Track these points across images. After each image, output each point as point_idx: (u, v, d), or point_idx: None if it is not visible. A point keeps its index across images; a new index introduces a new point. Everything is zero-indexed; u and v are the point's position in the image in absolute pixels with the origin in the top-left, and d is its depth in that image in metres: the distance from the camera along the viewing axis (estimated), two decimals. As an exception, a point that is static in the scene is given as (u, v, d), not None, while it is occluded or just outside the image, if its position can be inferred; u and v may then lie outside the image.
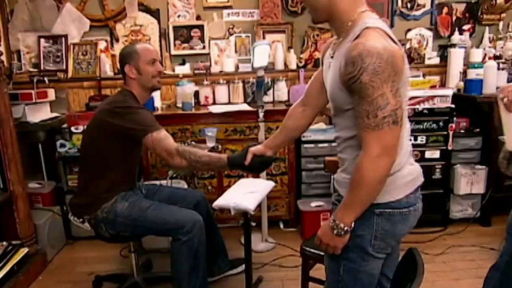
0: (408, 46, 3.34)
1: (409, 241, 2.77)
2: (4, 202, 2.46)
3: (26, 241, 2.56)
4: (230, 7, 3.30)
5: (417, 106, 2.88)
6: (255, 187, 2.13)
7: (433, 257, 2.66)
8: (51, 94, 3.01)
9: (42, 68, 3.20)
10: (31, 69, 3.22)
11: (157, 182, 2.57)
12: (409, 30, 3.41)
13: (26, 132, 2.82)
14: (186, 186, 2.75)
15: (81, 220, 2.07)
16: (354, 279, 1.28)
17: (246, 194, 2.01)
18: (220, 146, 2.69)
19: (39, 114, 2.91)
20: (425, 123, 2.90)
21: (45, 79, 3.09)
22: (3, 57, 3.10)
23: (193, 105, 3.00)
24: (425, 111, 2.88)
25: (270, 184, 2.26)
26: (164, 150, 1.87)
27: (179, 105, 3.07)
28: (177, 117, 2.92)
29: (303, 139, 2.95)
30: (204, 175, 2.96)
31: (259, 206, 2.59)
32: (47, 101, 2.98)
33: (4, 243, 2.44)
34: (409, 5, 3.38)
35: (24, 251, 2.50)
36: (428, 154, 2.94)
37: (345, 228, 1.19)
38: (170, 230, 1.97)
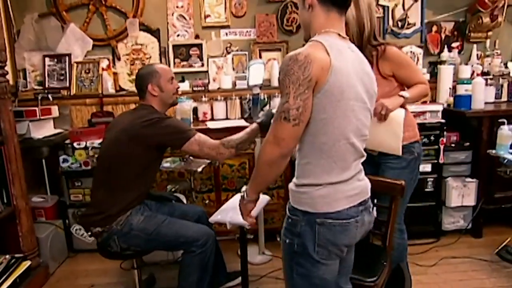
0: (399, 63, 3.37)
1: (401, 253, 2.80)
2: (8, 216, 2.46)
3: (28, 255, 2.55)
4: (227, 26, 3.34)
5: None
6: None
7: (426, 268, 2.65)
8: (55, 111, 3.03)
9: (46, 85, 3.23)
10: (36, 87, 3.24)
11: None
12: (400, 47, 3.41)
13: (30, 148, 2.84)
14: (185, 200, 2.75)
15: (89, 233, 2.05)
16: (307, 283, 1.33)
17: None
18: (217, 162, 2.71)
19: (43, 130, 2.93)
20: (417, 138, 2.92)
21: (49, 96, 3.12)
22: (9, 76, 3.15)
23: (191, 121, 3.01)
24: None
25: (266, 198, 2.26)
26: (212, 149, 1.96)
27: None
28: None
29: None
30: (202, 189, 2.97)
31: (256, 219, 2.59)
32: (50, 117, 3.00)
33: (7, 256, 2.43)
34: (400, 24, 3.42)
35: (26, 264, 2.49)
36: (420, 168, 2.94)
37: (246, 197, 1.41)
38: (185, 244, 1.99)
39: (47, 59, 3.24)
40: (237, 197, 2.27)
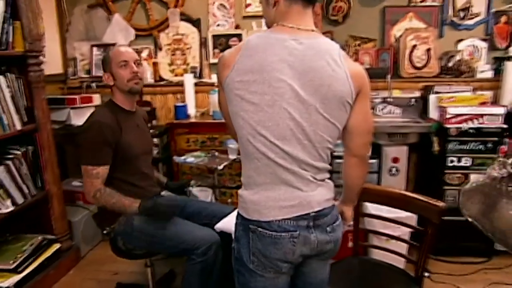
0: (458, 58, 2.79)
1: (443, 273, 2.31)
2: (41, 200, 2.38)
3: (60, 237, 2.47)
4: (269, 16, 2.97)
5: (462, 125, 2.37)
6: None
7: (470, 294, 2.17)
8: (97, 99, 2.91)
9: (93, 74, 3.12)
10: (84, 75, 3.15)
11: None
12: (460, 40, 2.85)
13: (71, 134, 2.75)
14: (210, 197, 2.48)
15: (104, 231, 1.86)
16: None
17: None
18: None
19: (84, 117, 2.77)
20: (471, 144, 2.38)
21: (92, 84, 3.01)
22: (60, 64, 3.09)
23: (224, 113, 2.74)
24: (472, 130, 2.36)
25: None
26: (85, 185, 1.70)
27: (212, 113, 2.81)
28: (207, 125, 2.69)
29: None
30: (231, 185, 2.70)
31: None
32: (92, 105, 2.88)
33: (39, 237, 2.36)
34: (461, 14, 2.82)
35: (56, 246, 2.43)
36: (473, 178, 2.41)
37: None
38: (186, 251, 1.70)
39: (94, 48, 3.13)
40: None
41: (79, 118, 2.78)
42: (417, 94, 2.81)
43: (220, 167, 2.20)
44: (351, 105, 1.11)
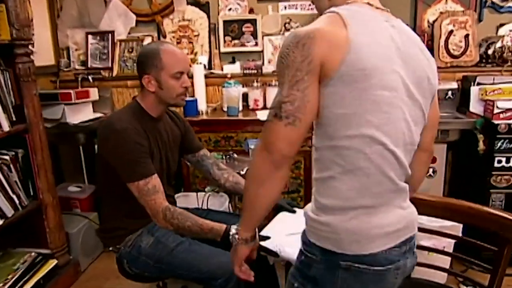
0: (499, 44, 2.53)
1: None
2: (34, 210, 2.11)
3: (56, 252, 2.20)
4: (287, -1, 2.70)
5: (510, 121, 2.12)
6: (298, 226, 1.54)
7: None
8: (94, 93, 2.61)
9: (89, 65, 2.82)
10: (78, 67, 2.85)
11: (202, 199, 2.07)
12: (502, 25, 2.59)
13: (66, 134, 2.48)
14: (227, 200, 2.23)
15: (109, 248, 1.61)
16: None
17: (289, 235, 1.44)
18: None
19: (80, 115, 2.53)
20: (522, 142, 2.14)
21: (89, 77, 2.71)
22: (51, 55, 2.79)
23: (239, 109, 2.47)
24: (523, 126, 2.12)
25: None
26: (148, 207, 1.42)
27: (226, 109, 2.54)
28: (221, 123, 2.41)
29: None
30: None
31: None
32: (89, 101, 2.59)
33: (33, 253, 2.10)
34: (504, -6, 2.56)
35: (53, 262, 2.16)
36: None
37: (236, 238, 1.04)
38: (201, 280, 1.45)
39: (90, 36, 2.83)
40: (280, 218, 1.67)
41: (74, 116, 2.49)
42: (454, 85, 2.55)
43: (243, 172, 1.94)
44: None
